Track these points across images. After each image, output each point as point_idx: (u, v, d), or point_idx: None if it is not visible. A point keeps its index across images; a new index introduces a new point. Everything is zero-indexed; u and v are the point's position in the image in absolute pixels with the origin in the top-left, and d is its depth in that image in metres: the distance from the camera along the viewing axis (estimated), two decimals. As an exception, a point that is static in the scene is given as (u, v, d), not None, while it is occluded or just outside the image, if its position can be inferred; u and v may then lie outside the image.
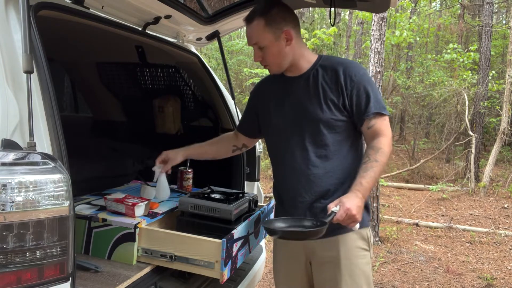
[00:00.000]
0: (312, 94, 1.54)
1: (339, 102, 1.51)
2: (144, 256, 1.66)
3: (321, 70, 1.55)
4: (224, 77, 6.48)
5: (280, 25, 1.50)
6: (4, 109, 1.04)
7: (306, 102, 1.55)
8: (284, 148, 1.61)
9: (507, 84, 7.30)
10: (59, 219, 1.02)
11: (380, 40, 5.75)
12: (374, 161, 1.43)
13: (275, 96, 1.66)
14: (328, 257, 1.55)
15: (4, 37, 1.14)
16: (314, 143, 1.54)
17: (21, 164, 0.97)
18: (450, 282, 3.65)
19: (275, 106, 1.64)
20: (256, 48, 1.53)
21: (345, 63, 1.56)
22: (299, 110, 1.56)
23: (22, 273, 0.97)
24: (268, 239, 4.55)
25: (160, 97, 2.77)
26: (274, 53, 1.52)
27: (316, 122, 1.52)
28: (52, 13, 1.39)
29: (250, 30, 1.52)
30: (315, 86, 1.54)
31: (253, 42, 1.53)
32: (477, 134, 8.29)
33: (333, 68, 1.53)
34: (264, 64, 1.57)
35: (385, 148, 1.47)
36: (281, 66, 1.57)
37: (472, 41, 13.27)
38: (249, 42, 1.55)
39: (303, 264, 1.63)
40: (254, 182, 2.57)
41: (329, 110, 1.51)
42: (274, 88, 1.67)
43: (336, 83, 1.51)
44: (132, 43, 2.55)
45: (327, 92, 1.52)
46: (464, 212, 6.14)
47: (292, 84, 1.60)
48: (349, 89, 1.50)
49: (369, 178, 1.41)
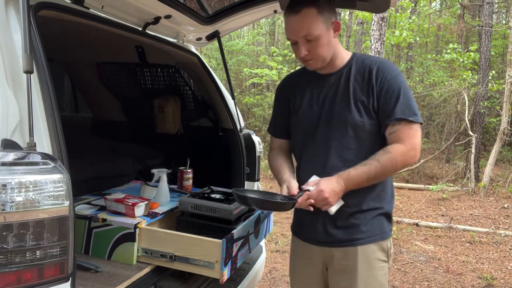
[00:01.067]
0: (343, 94, 1.46)
1: (368, 104, 1.42)
2: (144, 256, 1.67)
3: (354, 69, 1.47)
4: (224, 77, 6.49)
5: (330, 15, 1.40)
6: (4, 109, 1.04)
7: (336, 102, 1.47)
8: (308, 149, 1.54)
9: (507, 84, 7.30)
10: (59, 219, 1.02)
11: (380, 40, 5.76)
12: (375, 160, 1.37)
13: (305, 93, 1.56)
14: (345, 266, 1.48)
15: (4, 37, 1.14)
16: (338, 146, 1.45)
17: (21, 164, 0.97)
18: (450, 282, 3.65)
19: (304, 104, 1.55)
20: (303, 41, 1.40)
21: (378, 61, 1.47)
22: (327, 110, 1.48)
23: (22, 273, 0.97)
24: (268, 239, 4.55)
25: (160, 97, 2.77)
26: (323, 45, 1.40)
27: (343, 124, 1.44)
28: (52, 13, 1.39)
29: (299, 20, 1.37)
30: (346, 86, 1.46)
31: (303, 34, 1.38)
32: (477, 134, 8.28)
33: (366, 68, 1.45)
34: (308, 58, 1.43)
35: (396, 154, 1.37)
36: (326, 59, 1.46)
37: (472, 41, 13.28)
38: (295, 36, 1.40)
39: (320, 270, 1.57)
40: (254, 182, 2.57)
41: (358, 112, 1.43)
42: (304, 85, 1.58)
43: (368, 83, 1.43)
44: (132, 43, 2.55)
45: (358, 92, 1.44)
46: (464, 212, 6.14)
47: (324, 82, 1.52)
48: (378, 90, 1.41)
49: (361, 172, 1.36)
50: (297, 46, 1.43)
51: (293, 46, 1.45)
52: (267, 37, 14.60)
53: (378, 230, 1.48)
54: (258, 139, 2.65)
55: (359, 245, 1.46)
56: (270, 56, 11.48)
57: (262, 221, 2.02)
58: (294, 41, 1.43)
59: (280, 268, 3.78)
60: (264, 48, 13.81)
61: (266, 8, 2.13)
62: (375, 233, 1.47)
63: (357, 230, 1.46)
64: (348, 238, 1.46)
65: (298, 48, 1.42)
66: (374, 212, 1.48)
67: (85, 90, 3.17)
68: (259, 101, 10.78)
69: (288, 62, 11.00)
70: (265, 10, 2.15)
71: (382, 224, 1.50)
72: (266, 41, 14.67)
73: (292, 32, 1.41)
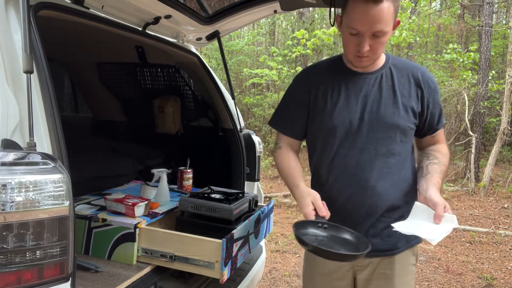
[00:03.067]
0: (389, 96, 1.38)
1: (417, 109, 1.39)
2: (144, 256, 1.67)
3: (395, 71, 1.41)
4: (224, 77, 6.48)
5: (397, 12, 1.31)
6: (4, 109, 1.04)
7: (381, 104, 1.37)
8: (345, 155, 1.39)
9: (507, 84, 7.30)
10: (59, 219, 1.02)
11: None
12: (443, 165, 1.40)
13: (339, 91, 1.41)
14: (381, 274, 1.43)
15: (4, 37, 1.14)
16: (385, 152, 1.37)
17: (21, 164, 0.97)
18: (450, 282, 3.65)
19: (339, 104, 1.40)
20: (369, 36, 1.26)
21: (420, 68, 1.45)
22: (372, 113, 1.37)
23: (22, 273, 0.97)
24: (268, 239, 4.55)
25: (160, 97, 2.77)
26: (384, 43, 1.30)
27: (392, 129, 1.37)
28: (52, 13, 1.39)
29: (377, 13, 1.22)
30: (392, 88, 1.39)
31: (377, 28, 1.24)
32: (477, 134, 8.28)
33: (409, 72, 1.41)
34: (366, 55, 1.30)
35: (448, 153, 1.47)
36: (379, 58, 1.40)
37: (472, 41, 13.27)
38: (368, 28, 1.24)
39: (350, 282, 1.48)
40: (254, 182, 2.57)
41: (407, 116, 1.38)
42: (336, 81, 1.43)
43: (416, 90, 1.40)
44: (132, 43, 2.55)
45: (406, 97, 1.39)
46: (464, 212, 6.14)
47: (362, 81, 1.40)
48: (427, 96, 1.40)
49: (442, 179, 1.35)
50: (360, 39, 1.27)
51: (353, 37, 1.28)
52: (267, 37, 14.59)
53: (413, 237, 1.44)
54: (258, 139, 2.65)
55: (396, 254, 1.43)
56: (270, 56, 11.47)
57: (262, 221, 2.02)
58: (358, 33, 1.26)
59: (280, 268, 3.78)
60: (264, 48, 13.80)
61: (266, 8, 2.13)
62: (410, 239, 1.45)
63: (398, 238, 1.41)
64: (390, 247, 1.42)
65: (361, 42, 1.27)
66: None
67: (85, 90, 3.17)
68: (259, 101, 10.77)
69: (288, 62, 10.98)
70: (265, 10, 2.15)
71: None
72: (266, 41, 14.66)
73: (365, 24, 1.23)
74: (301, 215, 1.30)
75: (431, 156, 1.43)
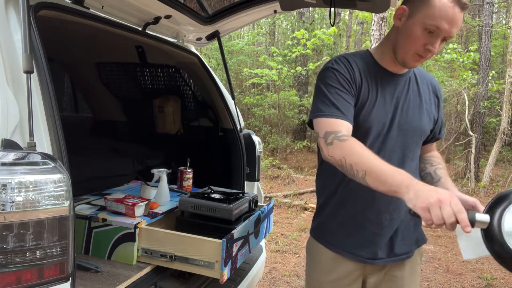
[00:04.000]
0: (416, 101, 1.38)
1: (434, 117, 1.44)
2: (144, 256, 1.67)
3: (418, 77, 1.42)
4: (224, 77, 6.49)
5: None
6: (4, 109, 1.04)
7: (410, 107, 1.36)
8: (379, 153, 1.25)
9: (507, 84, 7.30)
10: (59, 219, 1.02)
11: (380, 40, 5.75)
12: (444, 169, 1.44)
13: (375, 88, 1.33)
14: (391, 276, 1.41)
15: (4, 37, 1.14)
16: (410, 156, 1.37)
17: (21, 164, 0.97)
18: (450, 282, 3.65)
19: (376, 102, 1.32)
20: (442, 38, 1.22)
21: (434, 77, 1.50)
22: (402, 115, 1.34)
23: (22, 273, 0.97)
24: (268, 239, 4.55)
25: (160, 97, 2.77)
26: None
27: (418, 133, 1.38)
28: (52, 13, 1.39)
29: (460, 18, 1.20)
30: (418, 92, 1.39)
31: (453, 33, 1.22)
32: (477, 134, 8.28)
33: (428, 80, 1.45)
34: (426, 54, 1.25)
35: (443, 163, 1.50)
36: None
37: (472, 41, 13.27)
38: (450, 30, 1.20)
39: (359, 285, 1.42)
40: (254, 182, 2.57)
41: (429, 122, 1.41)
42: (373, 78, 1.34)
43: (434, 98, 1.44)
44: (132, 43, 2.55)
45: (428, 103, 1.41)
46: (464, 212, 6.13)
47: (395, 82, 1.36)
48: (439, 108, 1.46)
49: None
50: (434, 38, 1.21)
51: (426, 34, 1.21)
52: (267, 37, 14.60)
53: (421, 237, 1.46)
54: (258, 139, 2.65)
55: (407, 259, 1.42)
56: (270, 56, 11.48)
57: (262, 221, 2.02)
58: (436, 31, 1.20)
59: (280, 268, 3.78)
60: (264, 48, 13.81)
61: (266, 8, 2.13)
62: (418, 240, 1.46)
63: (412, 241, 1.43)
64: (407, 250, 1.42)
65: (434, 42, 1.21)
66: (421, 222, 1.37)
67: (85, 90, 3.17)
68: (259, 101, 10.77)
69: (288, 62, 10.99)
70: (265, 10, 2.15)
71: (422, 231, 1.49)
72: (266, 41, 14.67)
73: (450, 25, 1.18)
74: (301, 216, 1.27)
75: (434, 162, 1.46)
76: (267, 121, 10.84)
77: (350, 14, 14.01)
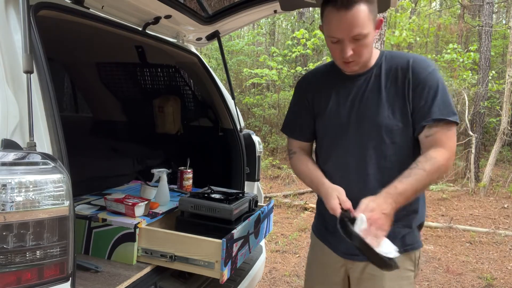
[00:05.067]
0: (374, 95, 1.34)
1: (404, 106, 1.30)
2: (144, 256, 1.67)
3: (385, 68, 1.35)
4: (224, 77, 6.48)
5: (375, 12, 1.28)
6: (4, 109, 1.04)
7: (366, 105, 1.35)
8: (336, 157, 1.40)
9: (507, 84, 7.30)
10: (59, 219, 1.02)
11: (380, 40, 5.75)
12: (421, 169, 1.22)
13: (330, 94, 1.42)
14: (370, 275, 1.40)
15: (4, 37, 1.14)
16: (373, 154, 1.33)
17: (21, 164, 0.97)
18: (450, 282, 3.65)
19: (330, 107, 1.42)
20: (350, 41, 1.25)
21: (411, 57, 1.34)
22: (357, 114, 1.36)
23: (22, 273, 0.97)
24: (268, 239, 4.55)
25: (160, 97, 2.77)
26: (369, 44, 1.28)
27: (376, 129, 1.32)
28: (52, 13, 1.39)
29: (351, 18, 1.21)
30: (377, 86, 1.35)
31: (355, 32, 1.23)
32: (477, 134, 8.28)
33: (398, 65, 1.33)
34: (352, 59, 1.29)
35: (440, 159, 1.23)
36: (367, 61, 1.35)
37: (472, 41, 13.27)
38: (343, 34, 1.24)
39: (342, 278, 1.49)
40: (254, 182, 2.57)
41: (393, 115, 1.31)
42: (330, 85, 1.43)
43: (402, 83, 1.31)
44: (132, 43, 2.55)
45: (391, 93, 1.32)
46: (464, 212, 6.14)
47: (352, 83, 1.39)
48: (413, 88, 1.29)
49: (408, 185, 1.21)
50: (342, 45, 1.27)
51: (334, 45, 1.29)
52: (267, 37, 14.60)
53: (410, 241, 1.41)
54: (258, 139, 2.65)
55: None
56: (270, 56, 11.47)
57: (262, 221, 2.02)
58: (338, 40, 1.26)
59: (280, 268, 3.78)
60: (264, 48, 13.80)
61: (266, 8, 2.13)
62: (406, 244, 1.40)
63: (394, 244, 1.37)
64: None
65: (343, 48, 1.26)
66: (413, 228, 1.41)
67: (85, 90, 3.17)
68: (259, 101, 10.77)
69: (288, 62, 10.98)
70: (265, 10, 2.15)
71: (415, 235, 1.43)
72: (266, 41, 14.66)
73: (342, 30, 1.24)
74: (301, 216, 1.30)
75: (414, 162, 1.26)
76: (267, 121, 10.84)
77: (350, 14, 13.97)
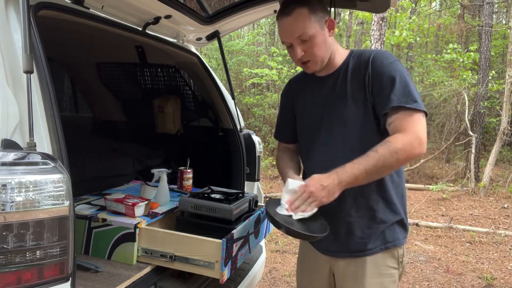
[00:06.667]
0: (340, 93, 1.41)
1: (366, 100, 1.35)
2: (144, 256, 1.66)
3: (351, 66, 1.41)
4: (224, 77, 6.48)
5: (322, 13, 1.37)
6: (4, 109, 1.04)
7: (335, 103, 1.42)
8: (313, 154, 1.49)
9: (507, 84, 7.30)
10: (59, 219, 1.02)
11: (380, 40, 5.75)
12: (373, 151, 1.24)
13: (306, 97, 1.54)
14: (353, 272, 1.44)
15: (4, 37, 1.14)
16: (343, 148, 1.38)
17: (21, 164, 0.97)
18: (450, 282, 3.65)
19: (306, 109, 1.53)
20: (298, 43, 1.36)
21: (373, 52, 1.40)
22: (328, 113, 1.44)
23: (22, 273, 0.97)
24: (268, 239, 4.55)
25: (160, 97, 2.77)
26: (320, 44, 1.36)
27: (344, 124, 1.39)
28: (52, 13, 1.39)
29: (292, 22, 1.34)
30: (344, 84, 1.41)
31: (297, 35, 1.34)
32: (477, 134, 8.28)
33: (362, 61, 1.39)
34: (305, 60, 1.39)
35: (395, 143, 1.23)
36: (324, 60, 1.41)
37: (472, 41, 13.27)
38: (289, 37, 1.37)
39: (327, 275, 1.54)
40: (254, 182, 2.57)
41: (357, 110, 1.36)
42: (305, 89, 1.56)
43: (364, 77, 1.36)
44: (132, 43, 2.55)
45: (355, 89, 1.38)
46: (464, 212, 6.14)
47: (322, 84, 1.48)
48: (372, 80, 1.34)
49: (356, 164, 1.24)
50: (293, 48, 1.39)
51: (289, 49, 1.41)
52: (267, 37, 14.59)
53: (391, 238, 1.43)
54: (258, 139, 2.65)
55: (367, 256, 1.42)
56: (270, 56, 11.47)
57: (262, 221, 2.02)
58: (289, 44, 1.39)
59: (280, 268, 3.78)
60: (264, 48, 13.80)
61: (266, 8, 2.13)
62: (387, 241, 1.42)
63: (370, 240, 1.41)
64: (361, 248, 1.42)
65: (294, 50, 1.38)
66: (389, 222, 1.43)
67: (85, 90, 3.17)
68: (259, 101, 10.77)
69: (288, 62, 10.97)
70: (265, 10, 2.15)
71: (395, 232, 1.44)
72: (266, 41, 14.66)
73: (286, 34, 1.38)
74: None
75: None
76: (267, 121, 10.83)
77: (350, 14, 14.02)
